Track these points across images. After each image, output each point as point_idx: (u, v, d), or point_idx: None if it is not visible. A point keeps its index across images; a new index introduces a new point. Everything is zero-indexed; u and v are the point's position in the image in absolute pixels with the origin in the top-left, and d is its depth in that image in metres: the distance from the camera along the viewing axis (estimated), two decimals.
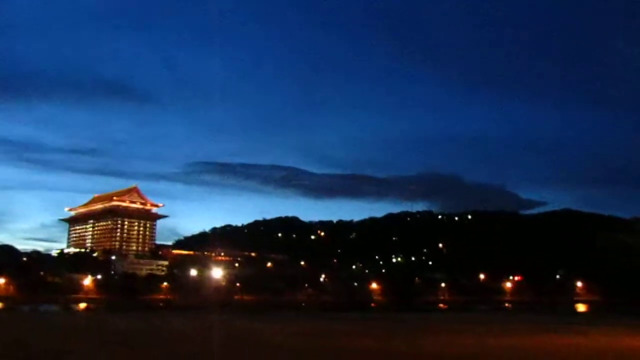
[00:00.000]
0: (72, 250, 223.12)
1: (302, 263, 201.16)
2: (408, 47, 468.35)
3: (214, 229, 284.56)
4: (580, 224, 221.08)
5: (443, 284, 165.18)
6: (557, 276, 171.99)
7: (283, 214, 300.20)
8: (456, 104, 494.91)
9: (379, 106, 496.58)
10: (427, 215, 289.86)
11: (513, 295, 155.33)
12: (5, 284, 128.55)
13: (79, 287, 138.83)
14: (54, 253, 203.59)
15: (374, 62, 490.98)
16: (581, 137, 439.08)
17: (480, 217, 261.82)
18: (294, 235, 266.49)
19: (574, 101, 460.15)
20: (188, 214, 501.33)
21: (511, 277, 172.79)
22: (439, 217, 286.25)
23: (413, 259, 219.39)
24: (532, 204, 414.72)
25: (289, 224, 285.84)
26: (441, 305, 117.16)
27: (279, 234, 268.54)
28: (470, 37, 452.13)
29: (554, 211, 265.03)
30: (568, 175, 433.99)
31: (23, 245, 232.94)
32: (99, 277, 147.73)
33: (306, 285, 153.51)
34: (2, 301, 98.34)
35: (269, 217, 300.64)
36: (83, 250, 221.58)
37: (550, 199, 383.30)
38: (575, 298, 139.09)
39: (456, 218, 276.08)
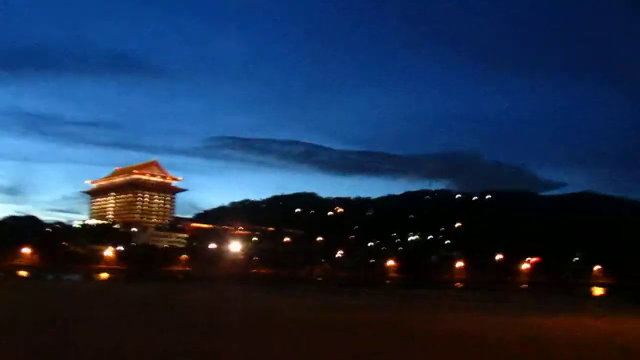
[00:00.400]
0: (93, 222, 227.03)
1: (319, 239, 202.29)
2: (428, 24, 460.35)
3: (233, 204, 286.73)
4: (600, 206, 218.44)
5: (459, 263, 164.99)
6: (575, 259, 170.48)
7: (301, 190, 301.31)
8: (476, 82, 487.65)
9: (399, 83, 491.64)
10: (445, 194, 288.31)
11: (529, 277, 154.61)
12: (30, 254, 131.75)
13: (100, 258, 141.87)
14: (76, 224, 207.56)
15: (394, 39, 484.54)
16: (603, 117, 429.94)
17: (499, 197, 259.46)
18: (312, 211, 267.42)
19: (596, 81, 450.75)
20: (207, 188, 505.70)
21: (528, 259, 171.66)
22: (457, 196, 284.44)
23: (430, 237, 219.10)
24: (551, 185, 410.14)
25: (307, 199, 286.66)
26: (457, 283, 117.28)
27: (297, 210, 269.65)
28: (490, 14, 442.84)
29: (573, 193, 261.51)
30: (589, 156, 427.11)
31: (46, 217, 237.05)
32: (119, 248, 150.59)
33: (323, 260, 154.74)
34: (27, 270, 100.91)
35: (287, 192, 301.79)
36: (104, 222, 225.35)
37: (570, 180, 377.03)
38: (592, 281, 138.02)
39: (474, 197, 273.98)
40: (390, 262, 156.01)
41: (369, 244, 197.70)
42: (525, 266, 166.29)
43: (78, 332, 14.17)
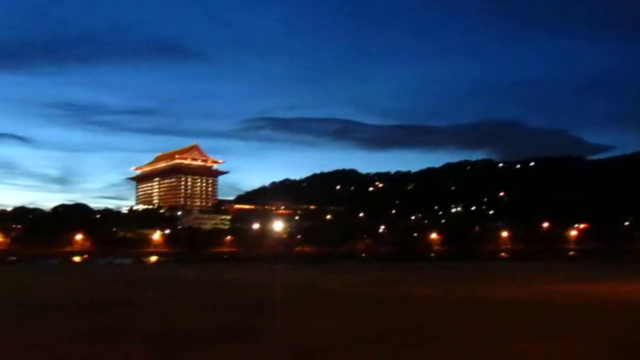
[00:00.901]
0: (140, 207, 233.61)
1: (361, 215, 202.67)
2: None
3: (273, 184, 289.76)
4: None
5: (504, 233, 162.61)
6: (626, 223, 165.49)
7: (340, 167, 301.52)
8: (514, 46, 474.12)
9: (434, 53, 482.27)
10: (487, 163, 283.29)
11: (578, 244, 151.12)
12: (82, 240, 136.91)
13: (148, 242, 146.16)
14: (124, 210, 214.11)
15: (429, 9, 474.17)
16: None
17: (543, 164, 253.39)
18: (352, 188, 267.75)
19: (637, 36, 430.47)
20: (247, 170, 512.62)
21: (576, 225, 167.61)
22: (499, 165, 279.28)
23: (473, 208, 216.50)
24: (599, 148, 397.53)
25: (347, 176, 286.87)
26: (502, 254, 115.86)
27: (337, 187, 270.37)
28: None
29: (622, 155, 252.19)
30: (638, 116, 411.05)
31: (95, 204, 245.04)
32: (166, 231, 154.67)
33: (365, 236, 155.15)
34: (79, 255, 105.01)
35: (326, 170, 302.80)
36: (150, 206, 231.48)
37: (619, 142, 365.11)
38: None
39: (517, 166, 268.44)
40: (433, 235, 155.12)
41: (411, 218, 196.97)
42: (573, 233, 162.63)
43: (134, 313, 14.91)
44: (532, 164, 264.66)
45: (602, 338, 10.22)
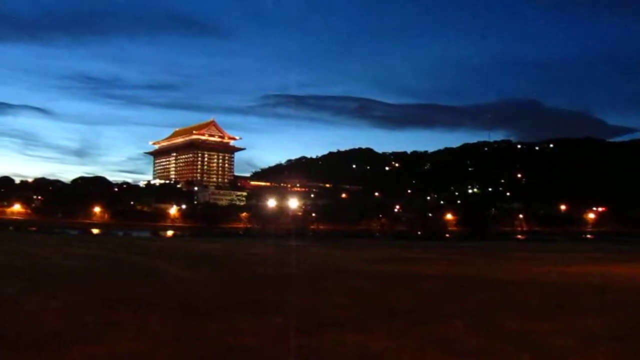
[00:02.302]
0: (157, 181, 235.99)
1: (377, 194, 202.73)
2: None
3: (289, 161, 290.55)
4: None
5: (520, 215, 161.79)
6: None
7: (357, 145, 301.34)
8: (534, 25, 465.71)
9: (453, 32, 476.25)
10: (505, 144, 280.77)
11: (596, 227, 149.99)
12: (100, 212, 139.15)
13: (165, 216, 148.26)
14: (142, 184, 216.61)
15: None
16: None
17: (563, 145, 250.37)
18: (368, 167, 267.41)
19: None
20: (263, 147, 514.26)
21: (594, 208, 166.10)
22: (518, 146, 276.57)
23: (490, 189, 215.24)
24: (620, 130, 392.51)
25: (363, 155, 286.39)
26: (518, 236, 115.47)
27: (353, 165, 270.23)
28: None
29: None
30: None
31: (113, 177, 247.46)
32: (183, 206, 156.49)
33: (380, 215, 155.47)
34: (98, 227, 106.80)
35: (343, 148, 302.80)
36: (167, 181, 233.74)
37: None
38: None
39: (536, 147, 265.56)
40: (449, 216, 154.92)
41: (427, 198, 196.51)
42: (591, 216, 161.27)
43: (153, 284, 15.32)
44: (551, 145, 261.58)
45: (616, 319, 10.34)
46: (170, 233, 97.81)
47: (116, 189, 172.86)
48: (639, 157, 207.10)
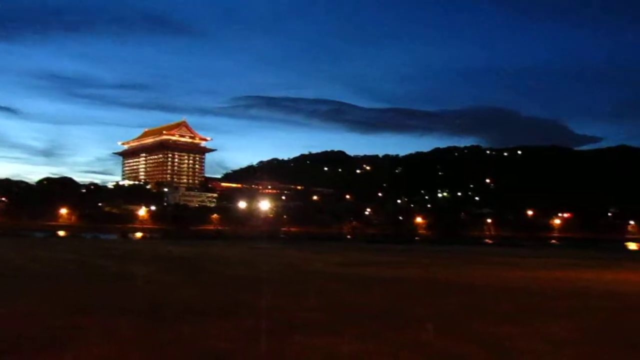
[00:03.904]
0: (126, 182, 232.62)
1: (348, 196, 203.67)
2: None
3: (261, 163, 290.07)
4: (636, 160, 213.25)
5: (489, 220, 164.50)
6: (609, 214, 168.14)
7: (329, 148, 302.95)
8: (507, 33, 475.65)
9: (427, 37, 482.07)
10: (475, 150, 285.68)
11: (562, 232, 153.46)
12: (67, 214, 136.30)
13: (134, 217, 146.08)
14: (110, 185, 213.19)
15: None
16: None
17: (531, 152, 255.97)
18: (340, 170, 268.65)
19: (635, 30, 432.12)
20: (235, 148, 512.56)
21: (560, 214, 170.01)
22: (487, 152, 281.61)
23: (459, 194, 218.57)
24: (586, 139, 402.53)
25: (335, 158, 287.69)
26: (487, 240, 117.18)
27: (325, 168, 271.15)
28: None
29: (609, 147, 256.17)
30: (625, 109, 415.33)
31: (81, 178, 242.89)
32: (152, 208, 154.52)
33: (351, 218, 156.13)
34: (65, 229, 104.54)
35: (315, 151, 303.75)
36: (137, 182, 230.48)
37: (606, 134, 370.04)
38: (627, 237, 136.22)
39: (505, 153, 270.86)
40: (419, 219, 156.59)
41: (398, 202, 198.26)
42: (557, 221, 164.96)
43: (122, 286, 15.03)
44: (519, 152, 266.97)
45: (584, 323, 10.53)
46: (139, 235, 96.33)
47: (84, 190, 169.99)
48: (603, 166, 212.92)
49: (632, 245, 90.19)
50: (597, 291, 16.13)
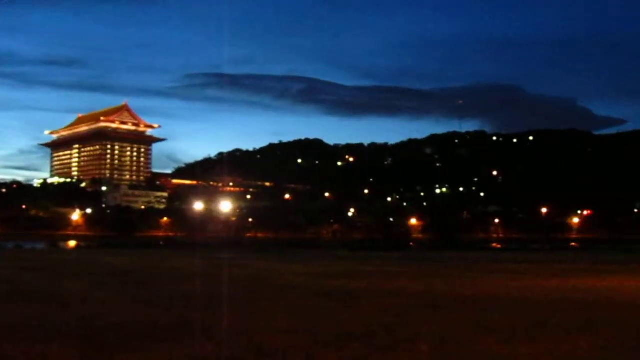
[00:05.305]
0: (56, 180, 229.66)
1: (327, 194, 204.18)
2: None
3: (221, 155, 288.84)
4: None
5: (497, 219, 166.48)
6: (635, 210, 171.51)
7: (303, 136, 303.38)
8: (516, 2, 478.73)
9: (421, 3, 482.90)
10: (479, 136, 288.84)
11: (581, 233, 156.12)
12: None
13: (66, 223, 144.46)
14: (36, 184, 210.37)
15: None
16: None
17: (545, 137, 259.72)
18: (317, 162, 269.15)
19: None
20: (189, 137, 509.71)
21: (579, 212, 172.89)
22: (494, 138, 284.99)
23: (461, 189, 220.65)
24: (608, 121, 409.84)
25: (311, 147, 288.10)
26: (494, 244, 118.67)
27: (299, 160, 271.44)
28: None
29: (634, 130, 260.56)
30: None
31: (1, 175, 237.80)
32: (88, 211, 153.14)
33: (332, 220, 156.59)
34: None
35: (286, 139, 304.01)
36: (69, 180, 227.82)
37: (630, 116, 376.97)
38: None
39: (515, 140, 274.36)
40: (414, 221, 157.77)
41: (388, 199, 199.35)
42: (575, 220, 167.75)
43: (53, 306, 14.86)
44: (531, 138, 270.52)
45: (602, 339, 10.73)
46: (72, 244, 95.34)
47: (4, 190, 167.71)
48: (628, 152, 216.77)
49: None
50: (619, 302, 16.46)
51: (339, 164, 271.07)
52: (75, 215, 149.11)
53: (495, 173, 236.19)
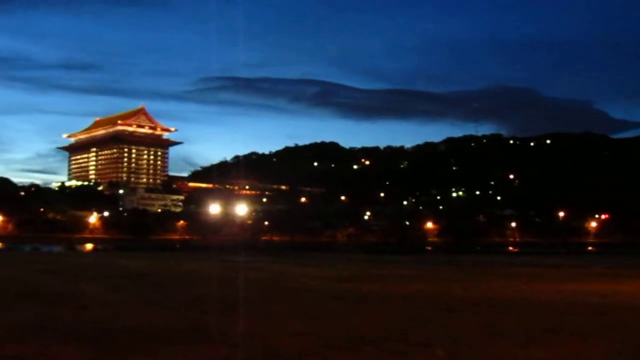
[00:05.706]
0: (73, 183, 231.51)
1: (343, 198, 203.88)
2: None
3: (237, 158, 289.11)
4: None
5: (513, 223, 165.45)
6: None
7: (318, 139, 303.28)
8: (531, 2, 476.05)
9: (436, 5, 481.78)
10: (495, 139, 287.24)
11: (598, 237, 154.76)
12: (3, 221, 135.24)
13: (83, 225, 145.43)
14: (54, 187, 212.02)
15: None
16: None
17: (562, 141, 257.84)
18: (332, 165, 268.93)
19: None
20: (205, 140, 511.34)
21: (597, 216, 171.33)
22: (510, 141, 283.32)
23: (477, 193, 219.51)
24: (625, 124, 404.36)
25: (326, 150, 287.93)
26: (510, 248, 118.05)
27: (314, 163, 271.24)
28: None
29: None
30: None
31: (19, 178, 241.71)
32: (105, 214, 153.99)
33: (347, 223, 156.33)
34: (0, 240, 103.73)
35: (301, 142, 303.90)
36: (86, 183, 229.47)
37: None
38: None
39: (531, 143, 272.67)
40: (429, 224, 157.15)
41: (404, 203, 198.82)
42: (593, 224, 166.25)
43: (69, 308, 14.97)
44: (548, 141, 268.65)
45: (618, 344, 10.63)
46: (90, 247, 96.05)
47: (22, 193, 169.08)
48: None
49: None
50: (636, 306, 16.30)
51: (355, 167, 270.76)
52: (92, 218, 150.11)
53: (511, 176, 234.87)
